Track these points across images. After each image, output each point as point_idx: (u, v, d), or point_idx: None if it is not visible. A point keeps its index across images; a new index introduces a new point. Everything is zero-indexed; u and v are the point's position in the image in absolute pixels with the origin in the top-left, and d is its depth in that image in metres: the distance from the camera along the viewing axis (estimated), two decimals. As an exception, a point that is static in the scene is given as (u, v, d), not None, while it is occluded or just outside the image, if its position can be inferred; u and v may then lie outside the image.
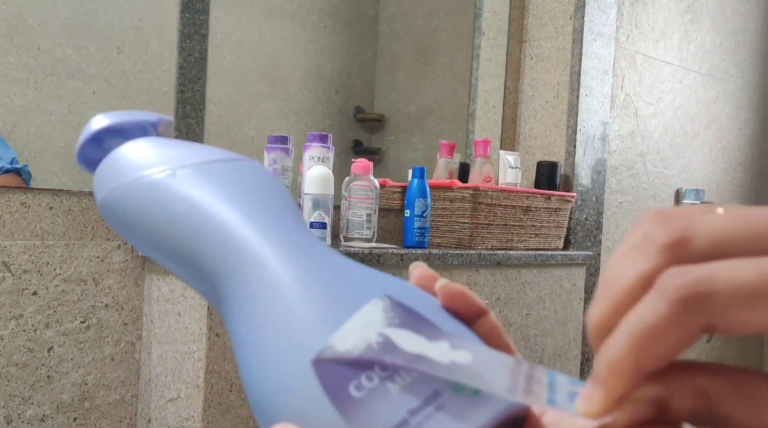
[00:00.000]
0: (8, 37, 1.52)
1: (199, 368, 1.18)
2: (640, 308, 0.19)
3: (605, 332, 0.20)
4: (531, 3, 2.11)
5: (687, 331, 0.18)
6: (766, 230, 0.18)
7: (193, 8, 1.71)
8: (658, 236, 0.19)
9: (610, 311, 0.20)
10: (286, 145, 1.50)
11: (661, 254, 0.19)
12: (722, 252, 0.19)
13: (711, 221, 0.19)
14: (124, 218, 0.34)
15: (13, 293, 1.25)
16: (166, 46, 1.74)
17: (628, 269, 0.20)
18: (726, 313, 0.18)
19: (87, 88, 1.62)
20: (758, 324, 0.18)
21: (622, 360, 0.19)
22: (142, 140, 0.36)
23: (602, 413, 0.19)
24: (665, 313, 0.18)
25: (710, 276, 0.18)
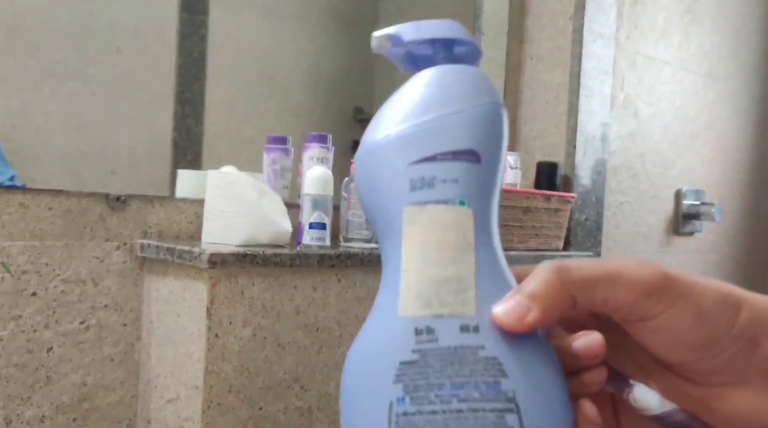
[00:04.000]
0: (7, 38, 1.52)
1: (198, 369, 1.18)
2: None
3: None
4: (531, 3, 2.11)
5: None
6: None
7: (192, 9, 1.70)
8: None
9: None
10: (285, 145, 1.50)
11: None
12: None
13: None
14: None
15: (12, 294, 1.25)
16: (166, 47, 1.73)
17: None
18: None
19: (86, 89, 1.62)
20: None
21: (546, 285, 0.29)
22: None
23: (539, 319, 0.28)
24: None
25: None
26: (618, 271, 0.28)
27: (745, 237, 2.79)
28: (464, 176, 0.32)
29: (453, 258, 0.30)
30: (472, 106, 0.34)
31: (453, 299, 0.29)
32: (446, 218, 0.31)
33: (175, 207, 1.43)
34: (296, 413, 1.28)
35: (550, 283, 0.28)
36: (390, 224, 0.32)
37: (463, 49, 0.38)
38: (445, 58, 0.37)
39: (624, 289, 0.28)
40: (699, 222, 2.46)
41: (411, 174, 0.32)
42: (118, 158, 1.67)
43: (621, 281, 0.28)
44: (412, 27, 0.39)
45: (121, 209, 1.36)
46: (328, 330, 1.31)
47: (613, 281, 0.28)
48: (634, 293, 0.28)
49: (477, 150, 0.33)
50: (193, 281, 1.21)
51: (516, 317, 0.28)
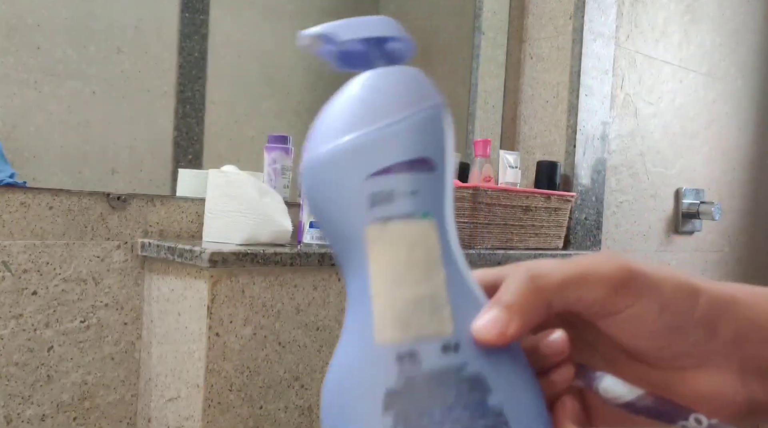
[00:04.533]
0: (8, 37, 1.52)
1: (198, 368, 1.18)
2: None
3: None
4: (531, 3, 2.11)
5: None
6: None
7: (193, 8, 1.71)
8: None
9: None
10: (286, 145, 1.50)
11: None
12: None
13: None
14: None
15: (13, 293, 1.25)
16: (166, 46, 1.74)
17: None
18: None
19: (87, 89, 1.62)
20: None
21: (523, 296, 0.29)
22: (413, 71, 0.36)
23: (516, 331, 0.28)
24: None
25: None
26: (586, 270, 0.29)
27: (745, 236, 2.79)
28: (422, 186, 0.31)
29: (424, 276, 0.29)
30: (421, 110, 0.33)
31: (430, 320, 0.28)
32: (412, 234, 0.30)
33: (175, 206, 1.43)
34: (296, 412, 1.28)
35: (526, 292, 0.29)
36: (351, 244, 0.30)
37: (397, 45, 0.37)
38: (380, 56, 0.36)
39: (594, 287, 0.29)
40: (699, 221, 2.47)
41: (369, 189, 0.30)
42: (118, 157, 1.67)
43: (590, 280, 0.29)
44: (345, 25, 0.37)
45: (121, 208, 1.36)
46: (328, 328, 1.31)
47: (583, 281, 0.29)
48: (604, 289, 0.29)
49: (430, 158, 0.31)
50: (193, 280, 1.21)
51: (497, 332, 0.28)
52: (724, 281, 1.83)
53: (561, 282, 0.29)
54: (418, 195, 0.30)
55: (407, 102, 0.33)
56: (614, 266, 0.29)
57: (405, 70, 0.35)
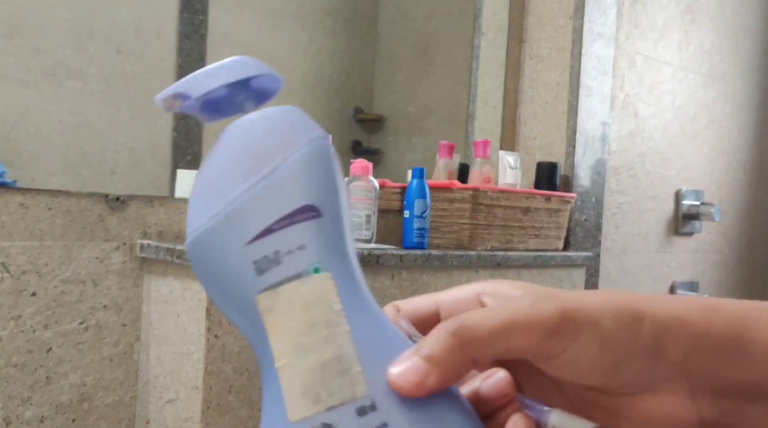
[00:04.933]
0: (8, 38, 1.52)
1: (197, 369, 1.18)
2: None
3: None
4: (531, 3, 2.11)
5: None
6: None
7: (192, 8, 1.71)
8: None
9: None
10: (285, 145, 1.49)
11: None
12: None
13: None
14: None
15: (12, 294, 1.24)
16: (166, 47, 1.73)
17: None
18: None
19: (86, 89, 1.62)
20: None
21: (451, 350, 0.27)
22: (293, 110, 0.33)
23: (439, 381, 0.27)
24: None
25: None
26: (514, 320, 0.27)
27: (745, 237, 2.79)
28: (309, 237, 0.29)
29: (327, 337, 0.27)
30: (292, 154, 0.30)
31: (340, 384, 0.26)
32: (306, 295, 0.28)
33: (174, 207, 1.43)
34: (296, 413, 1.28)
35: (449, 347, 0.27)
36: (248, 317, 0.28)
37: (262, 82, 0.34)
38: (246, 97, 0.34)
39: (523, 337, 0.27)
40: (699, 222, 2.47)
41: (252, 256, 0.28)
42: (117, 158, 1.67)
43: (519, 330, 0.27)
44: (200, 76, 0.33)
45: (120, 209, 1.36)
46: (327, 330, 1.31)
47: (511, 332, 0.27)
48: (535, 338, 0.27)
49: (314, 203, 0.29)
50: (192, 282, 1.21)
51: (414, 382, 0.26)
52: (723, 282, 1.83)
53: (488, 336, 0.27)
54: (306, 249, 0.28)
55: (275, 149, 0.30)
56: (545, 309, 0.27)
57: (268, 114, 0.32)
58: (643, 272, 2.30)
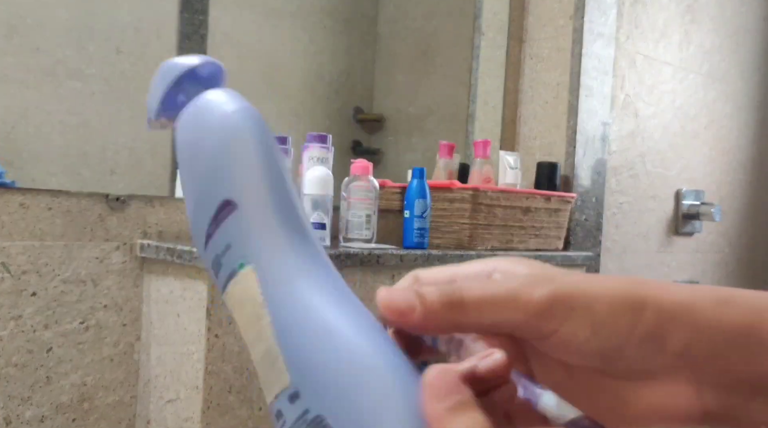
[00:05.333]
0: (7, 38, 1.52)
1: (198, 369, 1.18)
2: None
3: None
4: (531, 3, 2.11)
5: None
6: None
7: (192, 8, 1.71)
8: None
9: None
10: (285, 145, 1.50)
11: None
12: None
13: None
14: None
15: (12, 294, 1.24)
16: (166, 47, 1.73)
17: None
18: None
19: (86, 89, 1.62)
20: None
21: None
22: (228, 90, 0.34)
23: (420, 318, 0.28)
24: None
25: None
26: (503, 293, 0.28)
27: (745, 237, 2.79)
28: (232, 234, 0.29)
29: (257, 332, 0.28)
30: (205, 147, 0.30)
31: (272, 377, 0.27)
32: (238, 293, 0.28)
33: (175, 207, 1.43)
34: (296, 413, 1.28)
35: (439, 301, 0.28)
36: None
37: (205, 71, 0.34)
38: (195, 92, 0.33)
39: (510, 312, 0.28)
40: (699, 222, 2.47)
41: (208, 260, 0.30)
42: (118, 157, 1.67)
43: (506, 305, 0.28)
44: (150, 98, 0.34)
45: (120, 209, 1.36)
46: (328, 330, 1.31)
47: (498, 305, 0.28)
48: (522, 315, 0.28)
49: (229, 197, 0.29)
50: (193, 282, 1.21)
51: (400, 307, 0.27)
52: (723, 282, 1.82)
53: (476, 304, 0.28)
54: (232, 247, 0.29)
55: (192, 147, 0.30)
56: (537, 290, 0.28)
57: (189, 108, 0.32)
58: (643, 272, 2.30)
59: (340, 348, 0.27)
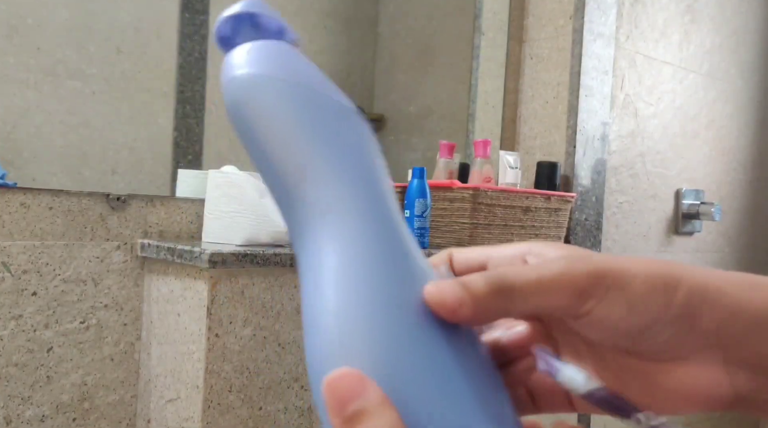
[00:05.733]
0: (8, 38, 1.52)
1: (198, 368, 1.18)
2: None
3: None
4: (531, 3, 2.11)
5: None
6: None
7: (193, 8, 1.71)
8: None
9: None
10: (285, 145, 1.50)
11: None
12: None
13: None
14: (244, 108, 0.32)
15: (13, 294, 1.25)
16: (166, 47, 1.74)
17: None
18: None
19: (87, 89, 1.62)
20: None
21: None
22: (279, 43, 0.35)
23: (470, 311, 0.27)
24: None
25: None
26: (548, 277, 0.28)
27: (745, 236, 2.79)
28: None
29: None
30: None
31: None
32: None
33: (175, 207, 1.43)
34: (296, 413, 1.28)
35: (487, 290, 0.28)
36: None
37: (269, 23, 0.36)
38: (249, 37, 0.35)
39: (555, 295, 0.28)
40: (699, 222, 2.47)
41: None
42: (118, 157, 1.67)
43: (551, 289, 0.28)
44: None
45: (121, 209, 1.36)
46: (328, 329, 1.31)
47: (544, 289, 0.28)
48: (565, 297, 0.28)
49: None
50: (193, 281, 1.21)
51: (449, 304, 0.27)
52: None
53: (522, 290, 0.28)
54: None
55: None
56: (576, 269, 0.28)
57: (229, 54, 0.35)
58: (643, 272, 2.29)
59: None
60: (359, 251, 0.28)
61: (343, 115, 0.32)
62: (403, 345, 0.26)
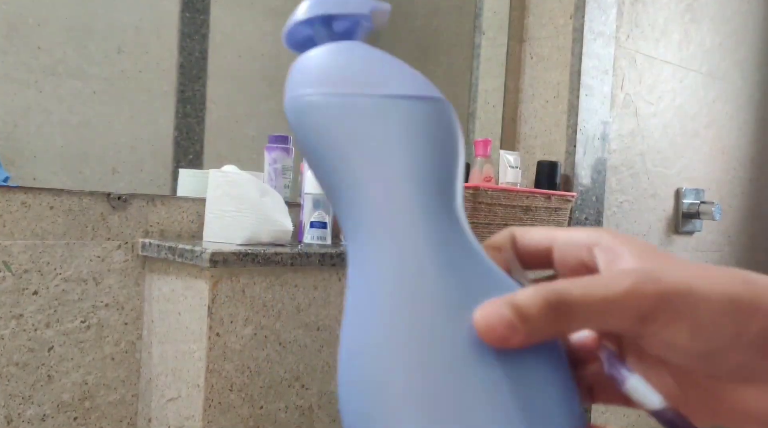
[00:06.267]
0: (8, 37, 1.52)
1: (199, 367, 1.18)
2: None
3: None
4: (531, 2, 2.11)
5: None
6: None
7: (194, 8, 1.71)
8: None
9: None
10: (286, 144, 1.50)
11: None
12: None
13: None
14: (302, 125, 0.32)
15: (14, 293, 1.25)
16: (167, 46, 1.74)
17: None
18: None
19: (87, 88, 1.62)
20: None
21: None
22: (345, 45, 0.34)
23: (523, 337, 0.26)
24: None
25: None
26: (612, 299, 0.26)
27: (746, 236, 2.79)
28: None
29: None
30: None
31: None
32: None
33: (176, 206, 1.43)
34: (297, 412, 1.28)
35: (543, 314, 0.26)
36: None
37: (339, 25, 0.36)
38: (324, 37, 0.36)
39: (617, 319, 0.26)
40: (699, 221, 2.47)
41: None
42: (119, 157, 1.67)
43: (614, 312, 0.26)
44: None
45: (122, 208, 1.36)
46: (329, 328, 1.31)
47: (606, 312, 0.26)
48: (627, 321, 0.26)
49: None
50: (194, 280, 1.21)
51: (499, 335, 0.26)
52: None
53: (583, 313, 0.26)
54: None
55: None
56: (643, 294, 0.26)
57: (299, 59, 0.36)
58: (643, 271, 2.30)
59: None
60: (407, 278, 0.28)
61: (405, 115, 0.31)
62: (450, 382, 0.26)
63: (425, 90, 0.32)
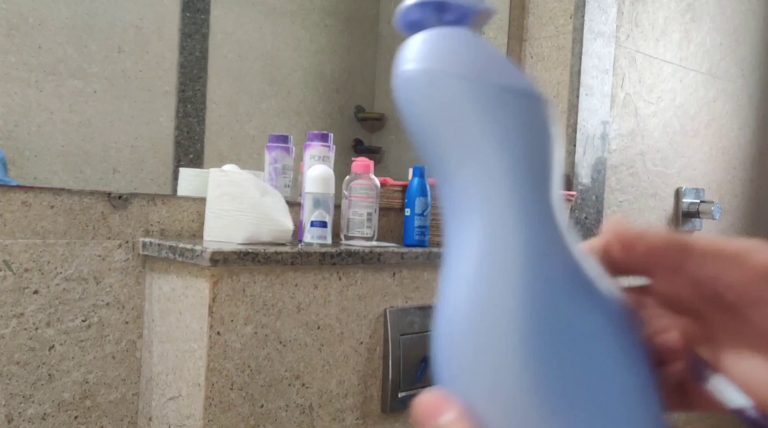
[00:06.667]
0: (9, 36, 1.53)
1: (200, 366, 1.18)
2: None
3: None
4: (531, 2, 2.12)
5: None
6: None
7: (194, 7, 1.71)
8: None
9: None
10: (286, 144, 1.50)
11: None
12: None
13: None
14: (414, 103, 0.33)
15: (15, 292, 1.25)
16: (167, 46, 1.74)
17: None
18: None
19: (88, 88, 1.63)
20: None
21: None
22: (460, 31, 0.34)
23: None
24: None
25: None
26: (735, 251, 0.26)
27: (745, 235, 2.79)
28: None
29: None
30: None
31: None
32: None
33: (177, 205, 1.43)
34: (297, 410, 1.28)
35: (668, 238, 0.28)
36: None
37: (451, 12, 0.35)
38: (434, 22, 0.35)
39: (738, 270, 0.26)
40: (699, 220, 2.47)
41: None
42: (120, 156, 1.68)
43: (736, 261, 0.26)
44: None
45: (123, 207, 1.36)
46: (329, 327, 1.31)
47: (726, 259, 0.26)
48: (749, 275, 0.26)
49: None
50: (195, 279, 1.22)
51: (627, 240, 0.28)
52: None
53: (700, 252, 0.27)
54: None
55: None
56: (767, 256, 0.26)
57: (407, 43, 0.35)
58: (643, 271, 2.30)
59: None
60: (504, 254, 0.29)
61: (508, 106, 0.32)
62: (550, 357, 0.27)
63: (534, 87, 0.33)
